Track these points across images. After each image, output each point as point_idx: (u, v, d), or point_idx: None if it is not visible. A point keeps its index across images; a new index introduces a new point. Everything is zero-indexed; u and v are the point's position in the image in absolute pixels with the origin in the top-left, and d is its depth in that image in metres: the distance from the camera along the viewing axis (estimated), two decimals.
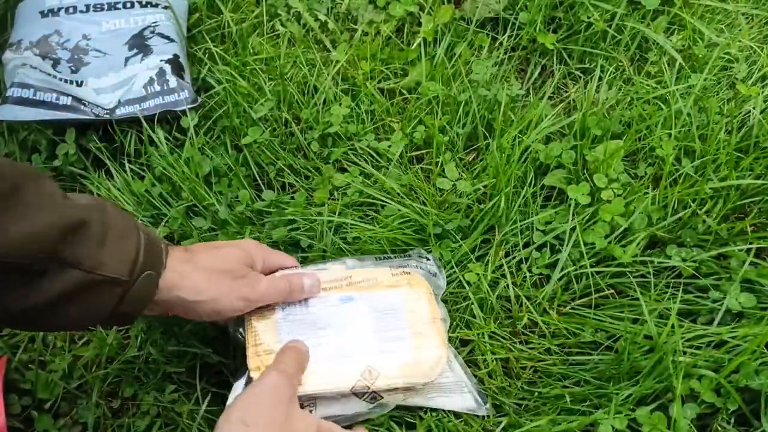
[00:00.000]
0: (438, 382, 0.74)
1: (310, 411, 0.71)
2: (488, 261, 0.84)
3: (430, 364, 0.72)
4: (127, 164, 0.94)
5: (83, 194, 0.63)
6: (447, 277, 0.83)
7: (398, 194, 0.88)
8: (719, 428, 0.73)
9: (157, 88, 0.96)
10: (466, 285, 0.83)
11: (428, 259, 0.83)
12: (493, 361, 0.78)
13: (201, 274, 0.67)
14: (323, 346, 0.72)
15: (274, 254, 0.76)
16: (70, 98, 0.94)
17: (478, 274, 0.83)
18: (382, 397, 0.72)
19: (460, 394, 0.76)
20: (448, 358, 0.75)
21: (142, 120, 0.93)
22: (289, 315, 0.74)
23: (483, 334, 0.80)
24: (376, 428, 0.74)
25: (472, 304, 0.81)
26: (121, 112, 0.94)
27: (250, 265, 0.72)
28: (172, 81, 0.96)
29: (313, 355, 0.71)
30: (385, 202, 0.88)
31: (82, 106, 0.94)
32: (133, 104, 0.95)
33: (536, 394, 0.77)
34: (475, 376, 0.78)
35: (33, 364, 0.79)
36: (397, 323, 0.74)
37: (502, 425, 0.74)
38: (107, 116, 0.94)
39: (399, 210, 0.86)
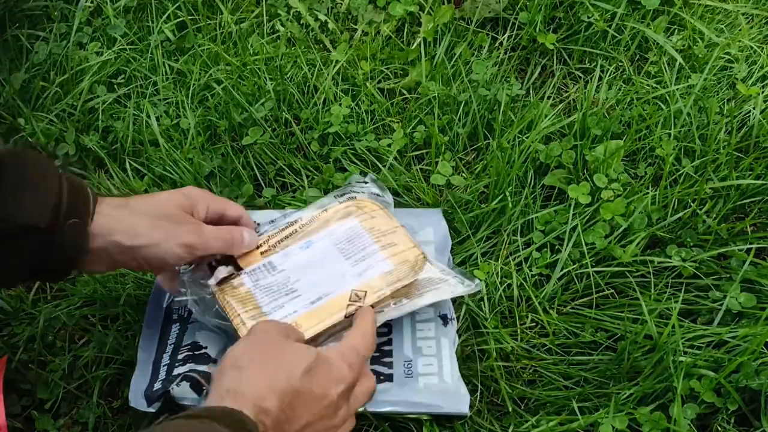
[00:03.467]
0: (422, 278, 0.73)
1: None
2: (499, 259, 0.84)
3: (410, 264, 0.73)
4: (128, 164, 0.94)
5: None
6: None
7: (399, 192, 0.88)
8: (719, 428, 0.73)
9: None
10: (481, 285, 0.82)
11: (366, 182, 0.83)
12: (495, 360, 0.78)
13: (138, 219, 0.64)
14: (304, 295, 0.71)
15: (218, 201, 0.73)
16: None
17: (487, 273, 0.82)
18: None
19: (445, 283, 0.74)
20: (424, 253, 0.75)
21: None
22: (259, 281, 0.73)
23: (488, 326, 0.80)
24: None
25: (482, 301, 0.81)
26: None
27: (190, 211, 0.69)
28: None
29: (297, 307, 0.70)
30: None
31: None
32: None
33: (536, 393, 0.77)
34: (477, 374, 0.78)
35: (33, 364, 0.79)
36: (363, 244, 0.75)
37: (503, 426, 0.74)
38: None
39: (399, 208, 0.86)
